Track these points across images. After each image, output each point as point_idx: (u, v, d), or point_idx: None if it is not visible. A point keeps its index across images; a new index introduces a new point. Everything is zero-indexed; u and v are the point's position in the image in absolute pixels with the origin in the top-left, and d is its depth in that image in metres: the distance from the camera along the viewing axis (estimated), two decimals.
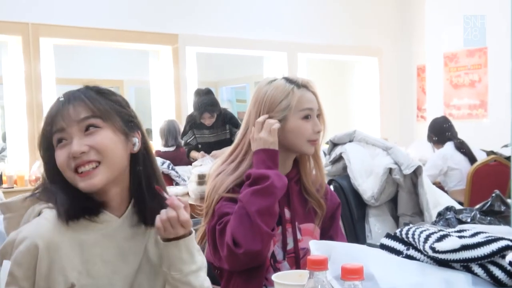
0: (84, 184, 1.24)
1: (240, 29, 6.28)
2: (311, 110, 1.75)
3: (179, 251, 1.27)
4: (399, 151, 2.88)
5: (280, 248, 1.72)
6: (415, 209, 2.83)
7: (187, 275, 1.28)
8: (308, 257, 0.99)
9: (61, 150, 1.25)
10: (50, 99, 5.17)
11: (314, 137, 1.74)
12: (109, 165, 1.26)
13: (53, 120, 1.26)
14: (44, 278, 1.22)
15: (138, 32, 5.62)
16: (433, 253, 1.27)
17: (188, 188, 3.73)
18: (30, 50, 5.03)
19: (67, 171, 1.25)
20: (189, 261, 1.28)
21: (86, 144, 1.24)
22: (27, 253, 1.20)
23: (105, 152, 1.25)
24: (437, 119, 5.07)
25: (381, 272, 1.22)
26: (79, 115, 1.25)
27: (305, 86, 1.76)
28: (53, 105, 1.28)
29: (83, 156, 1.24)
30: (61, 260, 1.23)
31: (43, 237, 1.21)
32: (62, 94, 1.29)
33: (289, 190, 1.75)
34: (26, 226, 1.26)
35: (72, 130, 1.25)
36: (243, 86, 9.91)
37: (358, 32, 7.20)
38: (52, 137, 1.26)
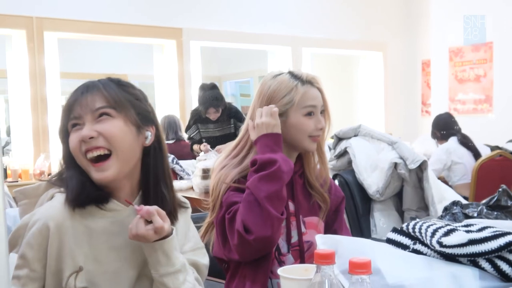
0: (97, 175, 1.27)
1: (244, 23, 6.26)
2: (314, 107, 1.73)
3: (155, 251, 1.27)
4: (404, 146, 2.87)
5: (284, 241, 1.72)
6: (420, 204, 2.82)
7: (162, 276, 1.28)
8: (315, 251, 0.98)
9: (74, 134, 1.28)
10: (54, 93, 5.19)
11: (315, 133, 1.73)
12: (119, 155, 1.28)
13: (71, 107, 1.29)
14: (54, 259, 1.26)
15: (142, 26, 5.61)
16: (440, 248, 1.26)
17: (193, 182, 3.73)
18: (34, 44, 5.03)
19: (79, 156, 1.28)
20: (165, 263, 1.28)
21: (95, 130, 1.27)
22: (38, 234, 1.24)
23: (113, 140, 1.27)
24: (440, 115, 5.05)
25: (388, 267, 1.21)
26: (94, 104, 1.28)
27: (309, 82, 1.75)
28: (73, 93, 1.32)
29: (92, 142, 1.26)
30: (70, 243, 1.26)
31: (54, 219, 1.25)
32: (76, 89, 1.33)
33: (293, 184, 1.75)
34: (38, 209, 1.30)
35: (86, 117, 1.28)
36: (247, 80, 9.90)
37: (363, 27, 7.18)
38: (68, 123, 1.30)
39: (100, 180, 1.28)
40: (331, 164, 3.00)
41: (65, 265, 1.26)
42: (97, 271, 1.28)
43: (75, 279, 1.25)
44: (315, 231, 1.74)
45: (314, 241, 1.71)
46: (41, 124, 5.07)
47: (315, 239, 1.70)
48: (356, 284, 0.93)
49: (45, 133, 5.10)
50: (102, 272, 1.29)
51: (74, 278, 1.25)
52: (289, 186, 1.73)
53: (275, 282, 1.69)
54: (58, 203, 1.29)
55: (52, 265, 1.26)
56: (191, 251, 1.42)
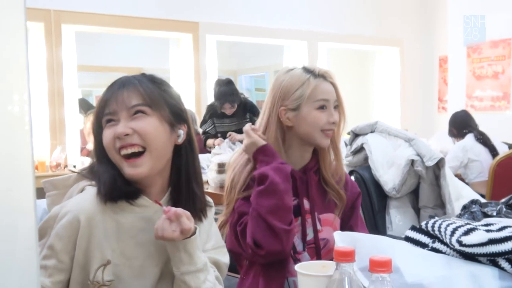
0: (130, 171, 1.29)
1: (261, 18, 6.25)
2: (326, 101, 1.72)
3: (178, 251, 1.29)
4: (422, 143, 2.85)
5: (299, 239, 1.72)
6: (436, 201, 2.80)
7: (183, 274, 1.29)
8: (335, 249, 0.98)
9: (109, 130, 1.30)
10: (71, 86, 5.22)
11: (328, 127, 1.72)
12: (153, 153, 1.30)
13: (106, 102, 1.31)
14: (83, 252, 1.27)
15: (159, 19, 5.62)
16: (459, 247, 1.25)
17: (208, 176, 3.74)
18: (52, 36, 5.06)
19: (112, 151, 1.30)
20: (187, 262, 1.29)
21: (130, 127, 1.28)
22: (69, 226, 1.26)
23: (147, 137, 1.29)
24: (457, 113, 5.02)
25: (407, 265, 1.21)
26: (130, 101, 1.30)
27: (322, 76, 1.74)
28: (108, 88, 1.33)
29: (127, 139, 1.28)
30: (99, 236, 1.28)
31: (85, 212, 1.27)
32: (118, 78, 1.35)
33: (308, 181, 1.74)
34: (69, 201, 1.32)
35: (121, 114, 1.30)
36: (262, 75, 9.89)
37: (380, 22, 7.13)
38: (103, 118, 1.31)
39: (133, 176, 1.29)
40: (347, 160, 2.99)
41: (93, 258, 1.27)
42: (123, 265, 1.30)
43: (102, 272, 1.27)
44: (331, 228, 1.74)
45: (330, 238, 1.71)
46: (58, 117, 5.10)
47: (331, 236, 1.71)
48: (376, 283, 0.93)
49: (61, 125, 5.13)
50: (127, 266, 1.30)
51: (102, 271, 1.26)
52: (304, 184, 1.74)
53: (291, 281, 1.69)
54: (89, 196, 1.30)
55: (80, 258, 1.27)
56: (212, 249, 1.43)
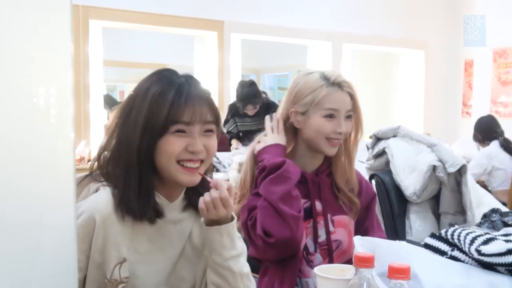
0: (187, 179, 1.32)
1: (286, 17, 6.26)
2: (335, 110, 1.72)
3: (221, 236, 1.31)
4: (444, 149, 2.84)
5: (311, 240, 1.73)
6: (457, 208, 2.79)
7: (227, 259, 1.32)
8: (354, 254, 1.00)
9: (178, 139, 1.29)
10: (97, 81, 5.29)
11: (333, 136, 1.72)
12: (206, 164, 1.35)
13: (177, 109, 1.28)
14: (99, 251, 1.29)
15: (184, 17, 5.66)
16: (478, 256, 1.26)
17: (229, 175, 3.77)
18: (79, 31, 5.12)
19: (173, 160, 1.30)
20: (229, 247, 1.33)
21: (204, 144, 1.31)
22: (84, 226, 1.27)
23: (211, 154, 1.34)
24: (483, 118, 4.97)
25: (425, 272, 1.22)
26: (206, 116, 1.31)
27: (338, 85, 1.73)
28: (169, 89, 1.30)
29: (199, 155, 1.31)
30: (115, 235, 1.29)
31: (100, 212, 1.28)
32: (178, 86, 1.31)
33: (320, 183, 1.76)
34: (84, 201, 1.33)
35: (195, 128, 1.30)
36: (286, 74, 9.90)
37: (405, 24, 7.09)
38: (169, 123, 1.28)
39: (188, 184, 1.33)
40: (368, 163, 2.99)
41: (110, 257, 1.29)
42: (137, 261, 1.32)
43: (119, 269, 1.29)
44: (345, 230, 1.75)
45: (343, 240, 1.73)
46: (83, 111, 5.17)
47: (344, 238, 1.73)
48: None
49: (86, 120, 5.20)
50: (141, 262, 1.33)
51: (119, 269, 1.29)
52: (316, 185, 1.75)
53: (304, 281, 1.71)
54: (104, 197, 1.31)
55: (96, 257, 1.29)
56: None
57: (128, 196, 1.29)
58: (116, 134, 1.35)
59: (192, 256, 1.41)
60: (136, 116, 1.30)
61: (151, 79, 1.34)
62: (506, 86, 6.29)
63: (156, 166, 1.31)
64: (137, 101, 1.32)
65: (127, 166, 1.30)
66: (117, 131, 1.35)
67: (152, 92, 1.30)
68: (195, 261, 1.41)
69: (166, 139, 1.28)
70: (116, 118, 1.37)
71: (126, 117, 1.33)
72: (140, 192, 1.30)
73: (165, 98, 1.28)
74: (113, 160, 1.34)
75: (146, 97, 1.30)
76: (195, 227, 1.41)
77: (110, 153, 1.35)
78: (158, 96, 1.29)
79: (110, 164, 1.35)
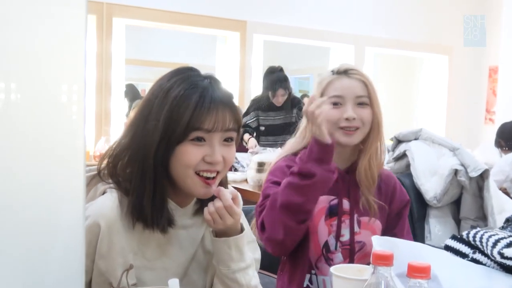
0: (204, 192, 1.27)
1: (308, 19, 6.23)
2: (339, 97, 1.67)
3: (229, 248, 1.28)
4: (466, 153, 2.80)
5: (334, 238, 1.70)
6: (478, 213, 2.75)
7: (235, 272, 1.29)
8: (373, 251, 0.98)
9: (197, 148, 1.23)
10: (119, 78, 5.31)
11: (344, 124, 1.66)
12: (222, 176, 1.29)
13: (200, 116, 1.22)
14: (103, 258, 1.24)
15: (208, 17, 5.67)
16: (501, 259, 1.23)
17: (247, 175, 3.75)
18: (103, 29, 5.16)
19: (190, 170, 1.24)
20: (238, 259, 1.29)
21: (222, 155, 1.25)
22: (89, 231, 1.21)
23: (228, 166, 1.29)
24: (507, 123, 4.89)
25: (445, 274, 1.19)
26: (227, 124, 1.25)
27: (344, 73, 1.70)
28: (199, 99, 1.22)
29: (217, 166, 1.25)
30: (121, 242, 1.24)
31: (105, 217, 1.23)
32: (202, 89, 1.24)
33: (350, 181, 1.72)
34: (90, 204, 1.27)
35: (215, 136, 1.24)
36: (307, 77, 9.86)
37: (429, 29, 7.02)
38: (189, 130, 1.22)
39: (203, 196, 1.28)
40: (388, 166, 2.96)
41: (116, 264, 1.24)
42: (145, 267, 1.29)
43: (126, 276, 1.24)
44: (370, 232, 1.71)
45: (368, 242, 1.69)
46: (104, 108, 5.20)
47: (368, 240, 1.69)
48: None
49: (107, 117, 5.23)
50: (149, 268, 1.29)
51: (126, 276, 1.24)
52: (346, 183, 1.71)
53: (320, 279, 1.69)
54: (109, 201, 1.26)
55: (99, 263, 1.24)
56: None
57: (141, 203, 1.24)
58: (132, 136, 1.27)
59: (204, 261, 1.38)
60: (156, 119, 1.22)
61: (174, 79, 1.26)
62: None
63: (170, 173, 1.25)
64: (157, 102, 1.23)
65: (143, 171, 1.24)
66: (133, 133, 1.27)
67: (173, 95, 1.22)
68: (207, 265, 1.38)
69: (184, 147, 1.22)
70: (133, 117, 1.29)
71: (144, 119, 1.25)
72: (154, 200, 1.24)
73: (187, 102, 1.21)
74: (127, 163, 1.27)
75: (167, 99, 1.22)
76: (208, 231, 1.37)
77: (124, 154, 1.28)
78: (180, 99, 1.22)
79: (122, 166, 1.28)
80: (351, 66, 1.72)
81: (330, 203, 1.69)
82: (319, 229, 1.69)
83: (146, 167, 1.23)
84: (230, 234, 1.28)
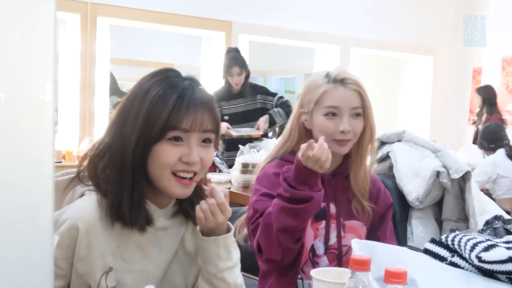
0: (181, 191, 1.26)
1: (294, 20, 6.24)
2: (335, 108, 1.64)
3: (218, 247, 1.28)
4: (449, 155, 2.82)
5: (321, 243, 1.70)
6: (460, 215, 2.76)
7: (222, 271, 1.29)
8: (351, 257, 0.98)
9: (174, 148, 1.23)
10: (103, 78, 5.28)
11: (338, 136, 1.64)
12: (199, 177, 1.29)
13: (178, 115, 1.22)
14: (82, 261, 1.23)
15: (193, 17, 5.65)
16: (479, 263, 1.24)
17: (231, 176, 3.75)
18: (87, 28, 5.12)
19: (167, 170, 1.24)
20: (225, 258, 1.29)
21: (200, 156, 1.25)
22: (67, 234, 1.21)
23: (206, 168, 1.28)
24: (490, 125, 4.95)
25: (424, 278, 1.20)
26: (205, 125, 1.25)
27: (340, 82, 1.65)
28: (177, 99, 1.23)
29: (194, 167, 1.25)
30: (100, 244, 1.24)
31: (84, 220, 1.22)
32: (181, 90, 1.24)
33: (336, 185, 1.71)
34: (68, 206, 1.27)
35: (193, 136, 1.24)
36: (293, 77, 9.89)
37: (414, 30, 7.06)
38: (167, 129, 1.22)
39: (179, 196, 1.28)
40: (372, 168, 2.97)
41: (95, 267, 1.24)
42: (124, 270, 1.28)
43: (105, 279, 1.24)
44: (355, 236, 1.71)
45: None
46: (88, 108, 5.16)
47: None
48: None
49: (91, 117, 5.20)
50: (129, 270, 1.29)
51: (105, 279, 1.24)
52: (332, 188, 1.70)
53: (306, 283, 1.68)
54: (88, 204, 1.25)
55: (78, 266, 1.23)
56: None
57: (119, 202, 1.23)
58: (112, 136, 1.27)
59: (184, 262, 1.38)
60: (134, 118, 1.22)
61: (153, 80, 1.26)
62: None
63: (148, 174, 1.25)
64: (136, 102, 1.24)
65: (121, 171, 1.24)
66: (113, 133, 1.27)
67: (152, 95, 1.22)
68: (187, 267, 1.38)
69: (161, 146, 1.22)
70: (113, 118, 1.29)
71: (123, 119, 1.25)
72: (132, 199, 1.24)
73: (166, 101, 1.22)
74: (107, 164, 1.27)
75: (146, 99, 1.23)
76: (188, 232, 1.37)
77: (104, 155, 1.28)
78: (159, 99, 1.22)
79: (103, 167, 1.28)
80: (347, 74, 1.68)
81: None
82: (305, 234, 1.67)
83: (124, 167, 1.23)
84: (218, 233, 1.28)
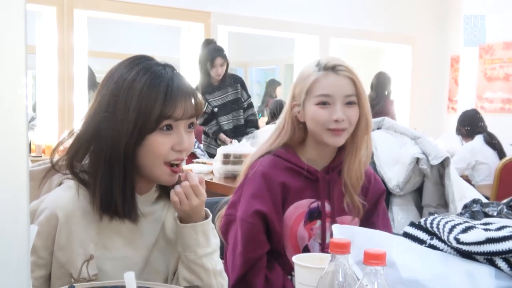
0: (171, 179, 1.28)
1: (273, 10, 6.23)
2: (327, 97, 1.56)
3: (196, 233, 1.29)
4: (428, 142, 2.85)
5: (316, 242, 1.65)
6: (440, 201, 2.79)
7: (201, 257, 1.30)
8: (330, 240, 0.98)
9: (165, 137, 1.24)
10: (81, 71, 5.23)
11: (333, 126, 1.56)
12: (183, 162, 1.31)
13: (171, 104, 1.23)
14: (63, 249, 1.23)
15: (171, 8, 5.62)
16: (457, 244, 1.25)
17: (213, 166, 3.74)
18: (64, 21, 5.07)
19: (160, 159, 1.25)
20: (204, 244, 1.30)
21: (188, 143, 1.27)
22: (46, 223, 1.21)
23: (189, 152, 1.29)
24: (467, 111, 4.99)
25: (403, 260, 1.21)
26: (191, 113, 1.26)
27: (331, 69, 1.57)
28: (167, 88, 1.23)
29: (183, 154, 1.27)
30: (80, 232, 1.24)
31: (63, 208, 1.22)
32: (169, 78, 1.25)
33: (330, 182, 1.65)
34: (47, 195, 1.27)
35: (181, 123, 1.25)
36: (273, 68, 9.89)
37: (393, 19, 7.10)
38: (162, 118, 1.22)
39: (169, 183, 1.28)
40: None
41: (76, 255, 1.24)
42: (106, 257, 1.28)
43: (87, 267, 1.24)
44: None
45: None
46: (67, 101, 5.12)
47: None
48: (370, 275, 0.93)
49: (70, 110, 5.15)
50: (110, 258, 1.28)
51: (86, 267, 1.24)
52: (326, 185, 1.64)
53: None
54: (66, 191, 1.25)
55: (58, 255, 1.23)
56: None
57: (111, 195, 1.23)
58: (92, 127, 1.25)
59: (166, 248, 1.37)
60: (124, 111, 1.20)
61: (135, 70, 1.24)
62: (492, 82, 6.32)
63: (137, 163, 1.25)
64: (122, 94, 1.22)
65: (110, 163, 1.22)
66: (93, 123, 1.25)
67: (139, 86, 1.21)
68: (169, 253, 1.38)
69: (154, 137, 1.22)
70: (92, 109, 1.26)
71: (111, 111, 1.22)
72: (124, 191, 1.24)
73: (156, 92, 1.21)
74: (89, 155, 1.26)
75: (133, 90, 1.21)
76: (168, 218, 1.37)
77: (82, 145, 1.26)
78: (148, 89, 1.21)
79: (79, 157, 1.27)
80: (338, 61, 1.59)
81: (310, 206, 1.63)
82: (298, 235, 1.62)
83: (114, 160, 1.22)
84: (195, 220, 1.29)
